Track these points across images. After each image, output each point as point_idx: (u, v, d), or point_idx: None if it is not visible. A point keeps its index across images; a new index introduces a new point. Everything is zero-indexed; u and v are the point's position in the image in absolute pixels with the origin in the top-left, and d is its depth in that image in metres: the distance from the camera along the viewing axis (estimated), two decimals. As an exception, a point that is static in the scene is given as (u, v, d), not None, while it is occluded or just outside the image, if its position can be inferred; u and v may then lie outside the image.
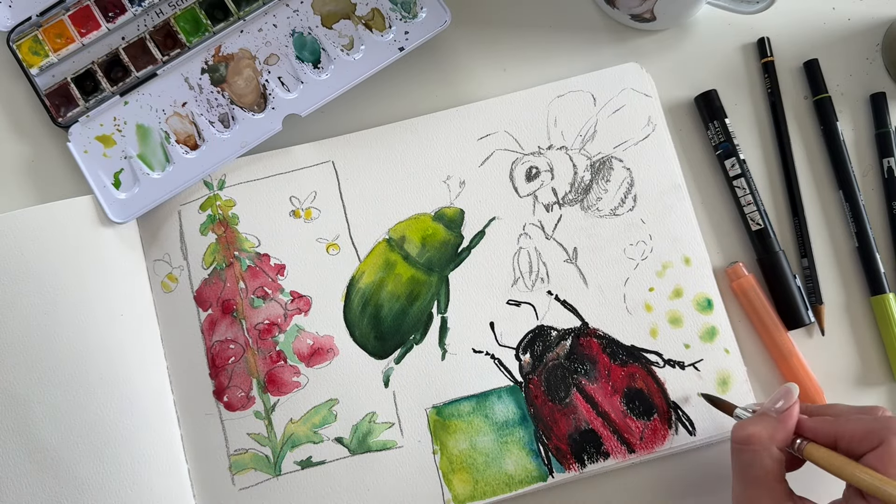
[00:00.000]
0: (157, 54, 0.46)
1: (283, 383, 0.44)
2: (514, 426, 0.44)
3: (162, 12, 0.47)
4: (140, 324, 0.44)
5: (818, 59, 0.49)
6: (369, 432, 0.44)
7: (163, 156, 0.46)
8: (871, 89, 0.49)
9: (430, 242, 0.46)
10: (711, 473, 0.44)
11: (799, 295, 0.46)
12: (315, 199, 0.46)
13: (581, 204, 0.47)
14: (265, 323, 0.44)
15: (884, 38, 0.50)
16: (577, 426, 0.44)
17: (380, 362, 0.45)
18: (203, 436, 0.44)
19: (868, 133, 0.49)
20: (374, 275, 0.45)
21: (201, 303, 0.45)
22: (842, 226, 0.48)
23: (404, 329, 0.45)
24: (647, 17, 0.48)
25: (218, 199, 0.46)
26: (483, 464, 0.43)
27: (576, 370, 0.45)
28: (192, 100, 0.46)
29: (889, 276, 0.47)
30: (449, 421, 0.44)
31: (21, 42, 0.46)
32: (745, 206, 0.47)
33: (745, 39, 0.50)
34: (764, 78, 0.49)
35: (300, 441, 0.43)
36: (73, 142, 0.46)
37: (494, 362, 0.45)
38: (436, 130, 0.47)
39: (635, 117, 0.48)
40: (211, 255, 0.45)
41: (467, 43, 0.49)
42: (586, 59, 0.49)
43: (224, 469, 0.43)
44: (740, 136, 0.48)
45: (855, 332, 0.47)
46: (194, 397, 0.44)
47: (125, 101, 0.46)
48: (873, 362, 0.46)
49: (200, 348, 0.44)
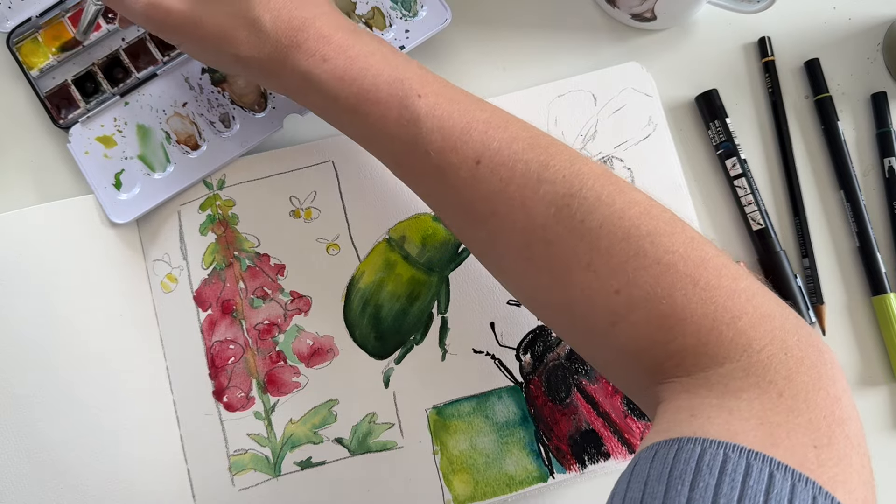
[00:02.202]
0: (157, 55, 0.46)
1: (283, 384, 0.44)
2: (514, 426, 0.44)
3: (162, 13, 0.47)
4: (140, 324, 0.44)
5: (819, 58, 0.49)
6: (369, 433, 0.44)
7: (163, 156, 0.46)
8: (872, 89, 0.49)
9: (431, 242, 0.46)
10: (712, 474, 0.44)
11: (800, 295, 0.46)
12: (315, 199, 0.46)
13: (581, 204, 0.47)
14: (265, 323, 0.44)
15: (884, 38, 0.50)
16: (578, 426, 0.44)
17: (380, 362, 0.44)
18: (203, 436, 0.44)
19: (869, 133, 0.49)
20: (374, 275, 0.45)
21: (201, 303, 0.45)
22: (843, 225, 0.48)
23: (404, 329, 0.45)
24: (648, 17, 0.48)
25: (218, 199, 0.46)
26: (483, 464, 0.43)
27: (576, 370, 0.44)
28: (193, 100, 0.46)
29: (890, 276, 0.47)
30: (449, 421, 0.44)
31: (21, 44, 0.46)
32: (745, 206, 0.47)
33: (746, 39, 0.50)
34: (765, 77, 0.49)
35: (300, 441, 0.43)
36: (74, 143, 0.46)
37: (495, 362, 0.45)
38: (436, 130, 0.47)
39: (636, 117, 0.48)
40: (210, 255, 0.45)
41: (468, 42, 0.49)
42: (587, 58, 0.49)
43: (224, 469, 0.43)
44: (741, 136, 0.48)
45: (856, 331, 0.47)
46: (194, 398, 0.44)
47: (125, 101, 0.46)
48: (874, 362, 0.46)
49: (200, 348, 0.44)
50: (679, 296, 0.30)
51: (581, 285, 0.32)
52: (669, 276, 0.30)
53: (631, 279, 0.31)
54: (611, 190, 0.32)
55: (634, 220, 0.31)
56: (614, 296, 0.31)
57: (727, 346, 0.29)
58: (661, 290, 0.30)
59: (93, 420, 0.42)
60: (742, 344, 0.29)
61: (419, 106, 0.34)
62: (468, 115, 0.34)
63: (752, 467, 0.25)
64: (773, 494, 0.24)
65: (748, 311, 0.30)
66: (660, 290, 0.30)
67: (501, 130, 0.34)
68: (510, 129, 0.34)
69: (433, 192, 0.37)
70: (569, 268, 0.32)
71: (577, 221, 0.32)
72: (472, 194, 0.34)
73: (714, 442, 0.26)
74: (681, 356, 0.30)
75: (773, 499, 0.24)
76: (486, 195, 0.34)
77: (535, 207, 0.33)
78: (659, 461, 0.27)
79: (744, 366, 0.29)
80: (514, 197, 0.33)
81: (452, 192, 0.35)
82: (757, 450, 0.26)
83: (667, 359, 0.31)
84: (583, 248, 0.32)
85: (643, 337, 0.31)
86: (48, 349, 0.42)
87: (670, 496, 0.25)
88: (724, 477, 0.25)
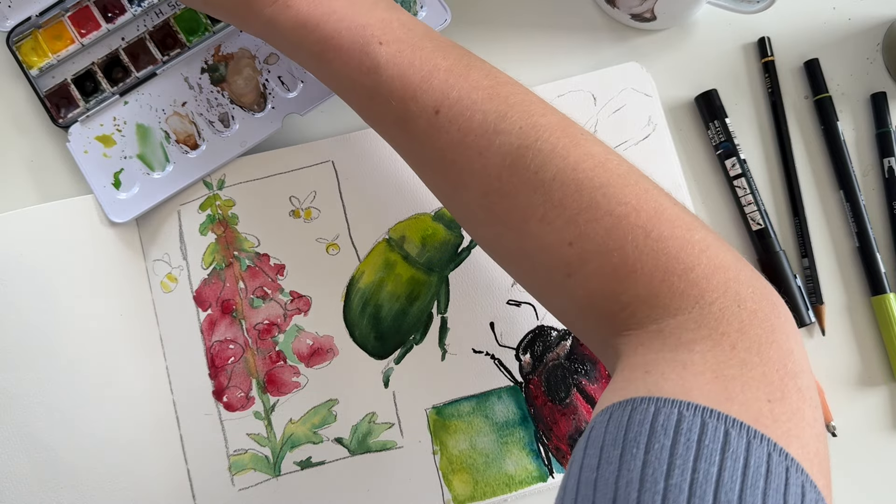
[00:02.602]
0: (156, 54, 0.46)
1: (283, 383, 0.44)
2: (514, 426, 0.44)
3: (161, 12, 0.47)
4: (139, 324, 0.44)
5: (818, 58, 0.49)
6: (369, 432, 0.44)
7: (163, 155, 0.46)
8: (872, 89, 0.49)
9: (430, 242, 0.46)
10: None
11: (799, 295, 0.46)
12: (315, 199, 0.46)
13: (581, 204, 0.47)
14: (265, 323, 0.44)
15: (884, 38, 0.50)
16: (578, 426, 0.44)
17: (380, 362, 0.44)
18: (202, 436, 0.44)
19: (868, 133, 0.49)
20: (373, 275, 0.45)
21: (201, 303, 0.45)
22: (842, 226, 0.48)
23: (404, 329, 0.45)
24: (648, 17, 0.48)
25: (217, 198, 0.46)
26: (483, 464, 0.43)
27: (576, 370, 0.44)
28: (192, 99, 0.46)
29: (890, 276, 0.47)
30: (449, 421, 0.44)
31: (21, 43, 0.46)
32: (745, 206, 0.47)
33: (746, 39, 0.50)
34: (764, 78, 0.49)
35: (300, 441, 0.43)
36: (73, 142, 0.46)
37: (494, 362, 0.45)
38: (436, 130, 0.47)
39: (636, 117, 0.48)
40: (210, 255, 0.45)
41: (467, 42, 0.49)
42: (586, 58, 0.49)
43: (224, 469, 0.43)
44: (741, 136, 0.48)
45: (855, 332, 0.47)
46: (194, 397, 0.44)
47: (125, 101, 0.46)
48: (874, 362, 0.46)
49: (200, 348, 0.44)
50: (630, 248, 0.30)
51: (536, 237, 0.32)
52: (621, 228, 0.30)
53: (583, 231, 0.31)
54: (566, 143, 0.32)
55: (588, 171, 0.31)
56: (568, 248, 0.31)
57: (679, 298, 0.29)
58: (612, 243, 0.30)
59: (92, 420, 0.42)
60: (694, 295, 0.29)
61: (380, 53, 0.34)
62: (429, 62, 0.34)
63: (707, 426, 0.25)
64: (729, 453, 0.24)
65: (702, 262, 0.30)
66: (611, 242, 0.30)
67: (462, 79, 0.34)
68: (471, 77, 0.34)
69: (396, 141, 0.37)
70: (525, 219, 0.32)
71: (531, 173, 0.32)
72: (433, 143, 0.34)
73: (668, 401, 0.26)
74: (634, 307, 0.30)
75: (730, 457, 0.24)
76: (445, 145, 0.34)
77: (491, 158, 0.33)
78: (614, 424, 0.26)
79: (696, 317, 0.29)
80: (471, 147, 0.33)
81: (414, 141, 0.35)
82: (712, 407, 0.25)
83: (620, 310, 0.31)
84: (537, 200, 0.32)
85: (596, 288, 0.31)
86: (48, 349, 0.42)
87: (625, 460, 0.25)
88: (679, 437, 0.25)
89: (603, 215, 0.31)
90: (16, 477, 0.41)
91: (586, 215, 0.31)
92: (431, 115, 0.34)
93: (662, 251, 0.30)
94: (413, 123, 0.34)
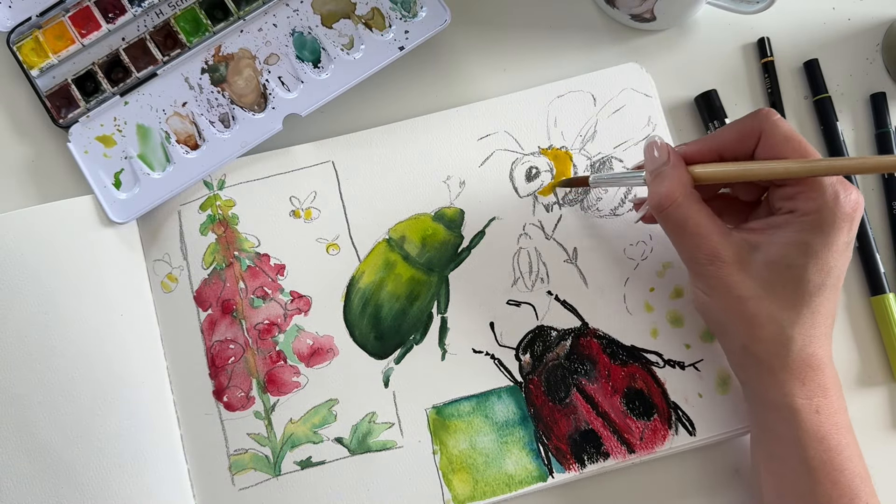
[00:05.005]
0: (157, 54, 0.46)
1: (283, 383, 0.44)
2: (514, 426, 0.44)
3: (162, 12, 0.47)
4: (140, 324, 0.44)
5: (818, 59, 0.49)
6: (369, 432, 0.44)
7: (163, 156, 0.46)
8: (871, 89, 0.49)
9: (430, 242, 0.46)
10: (711, 474, 0.44)
11: (799, 295, 0.46)
12: (315, 199, 0.46)
13: (581, 204, 0.47)
14: (265, 323, 0.44)
15: (884, 38, 0.50)
16: (577, 426, 0.44)
17: (380, 362, 0.44)
18: (203, 436, 0.44)
19: (868, 133, 0.49)
20: (374, 275, 0.45)
21: (201, 303, 0.45)
22: (842, 226, 0.48)
23: (404, 329, 0.45)
24: (647, 17, 0.48)
25: (218, 199, 0.46)
26: (483, 464, 0.43)
27: (576, 370, 0.44)
28: (193, 100, 0.46)
29: (889, 277, 0.47)
30: (449, 421, 0.44)
31: (21, 43, 0.46)
32: (745, 206, 0.47)
33: (745, 39, 0.50)
34: (764, 78, 0.49)
35: (300, 441, 0.43)
36: (74, 142, 0.46)
37: (494, 362, 0.45)
38: (436, 130, 0.47)
39: (635, 117, 0.48)
40: (211, 255, 0.45)
41: (467, 42, 0.49)
42: (586, 59, 0.49)
43: (224, 469, 0.43)
44: (740, 136, 0.48)
45: (855, 332, 0.47)
46: (194, 397, 0.44)
47: (125, 101, 0.46)
48: (873, 362, 0.46)
49: (200, 348, 0.44)
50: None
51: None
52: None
53: None
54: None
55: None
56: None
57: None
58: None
59: (92, 420, 0.42)
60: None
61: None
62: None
63: None
64: None
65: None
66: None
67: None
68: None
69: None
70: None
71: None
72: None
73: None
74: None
75: None
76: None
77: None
78: None
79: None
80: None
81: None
82: None
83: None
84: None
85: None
86: (48, 349, 0.42)
87: None
88: None
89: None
90: (16, 477, 0.41)
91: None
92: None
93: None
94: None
